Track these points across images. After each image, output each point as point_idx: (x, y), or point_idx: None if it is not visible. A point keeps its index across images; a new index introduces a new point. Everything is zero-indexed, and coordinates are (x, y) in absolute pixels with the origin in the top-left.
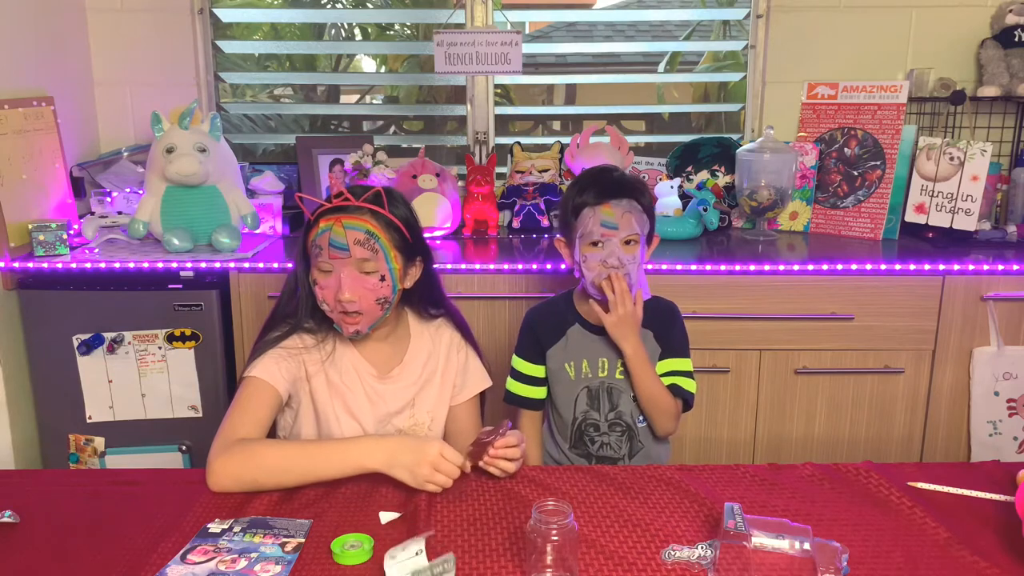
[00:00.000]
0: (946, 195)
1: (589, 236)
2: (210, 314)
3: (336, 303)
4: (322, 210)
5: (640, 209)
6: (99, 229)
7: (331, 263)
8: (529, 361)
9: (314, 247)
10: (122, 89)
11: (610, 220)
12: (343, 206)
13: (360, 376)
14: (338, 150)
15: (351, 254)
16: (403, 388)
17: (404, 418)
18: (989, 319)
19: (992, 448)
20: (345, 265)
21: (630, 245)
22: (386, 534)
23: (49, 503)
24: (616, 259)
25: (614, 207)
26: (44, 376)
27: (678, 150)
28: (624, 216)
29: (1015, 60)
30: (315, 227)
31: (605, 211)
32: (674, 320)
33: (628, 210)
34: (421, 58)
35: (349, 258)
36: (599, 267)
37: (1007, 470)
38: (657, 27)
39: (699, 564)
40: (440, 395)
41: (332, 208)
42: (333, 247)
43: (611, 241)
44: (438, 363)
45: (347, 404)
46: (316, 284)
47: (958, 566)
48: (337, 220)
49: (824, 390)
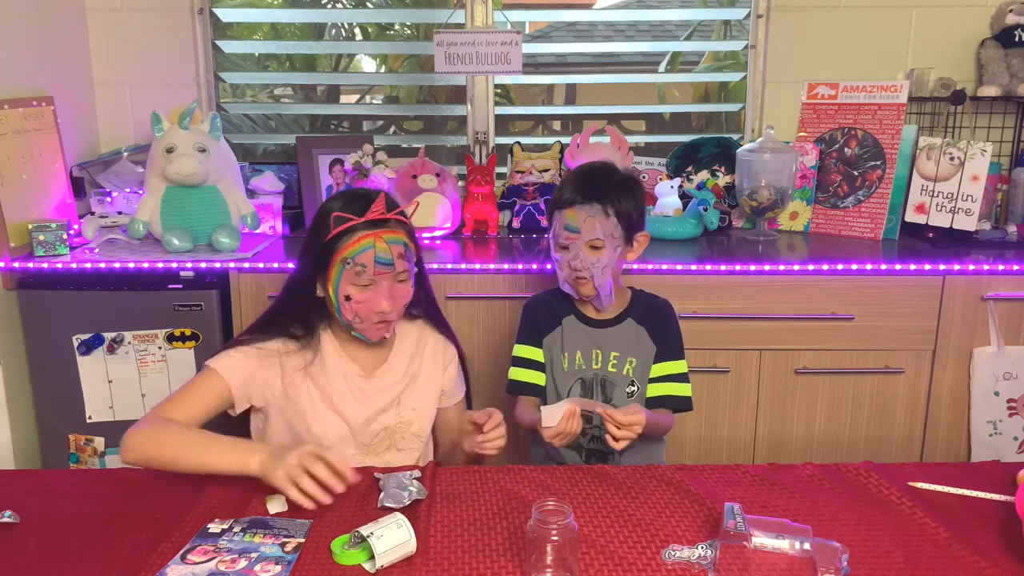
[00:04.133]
0: (946, 195)
1: (556, 239)
2: (210, 314)
3: (373, 314)
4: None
5: (606, 214)
6: (99, 229)
7: (374, 279)
8: (530, 345)
9: (352, 264)
10: (122, 89)
11: (573, 223)
12: (380, 220)
13: (346, 376)
14: (338, 150)
15: (395, 268)
16: (389, 386)
17: (390, 416)
18: (989, 319)
19: (992, 448)
20: (385, 278)
21: (596, 249)
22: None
23: (49, 503)
24: (580, 262)
25: (578, 211)
26: (44, 376)
27: (678, 150)
28: (587, 220)
29: (1015, 60)
30: (349, 244)
31: (569, 215)
32: (668, 318)
33: (591, 214)
34: (421, 58)
35: (391, 271)
36: (567, 268)
37: (1007, 470)
38: (657, 27)
39: (699, 564)
40: (425, 393)
41: (367, 223)
42: (380, 264)
43: (575, 244)
44: (422, 362)
45: (333, 404)
46: (351, 299)
47: (958, 566)
48: (378, 236)
49: (824, 390)
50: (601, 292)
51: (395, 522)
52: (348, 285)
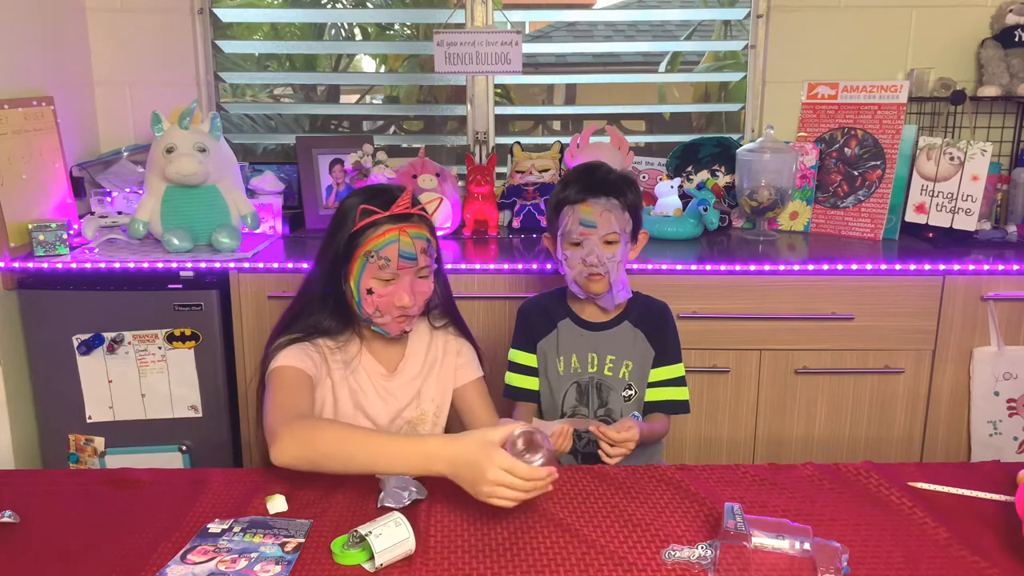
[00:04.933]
0: (946, 195)
1: (569, 235)
2: (210, 314)
3: (394, 308)
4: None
5: (621, 207)
6: (99, 229)
7: (397, 273)
8: (525, 351)
9: (376, 257)
10: (122, 89)
11: (588, 219)
12: (403, 214)
13: (371, 376)
14: (338, 150)
15: (418, 262)
16: (409, 381)
17: (411, 409)
18: (989, 319)
19: (992, 448)
20: (408, 273)
21: (610, 244)
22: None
23: (49, 503)
24: (596, 257)
25: (593, 205)
26: (44, 376)
27: (678, 150)
28: (603, 215)
29: (1015, 60)
30: (374, 237)
31: (584, 209)
32: (666, 321)
33: (607, 208)
34: (421, 58)
35: (414, 266)
36: (580, 265)
37: (1007, 470)
38: (657, 27)
39: (699, 564)
40: (441, 383)
41: (391, 217)
42: (404, 258)
43: (590, 240)
44: (438, 353)
45: (361, 404)
46: (372, 293)
47: (958, 566)
48: (402, 230)
49: (824, 390)
50: (615, 288)
51: (393, 520)
52: (371, 279)
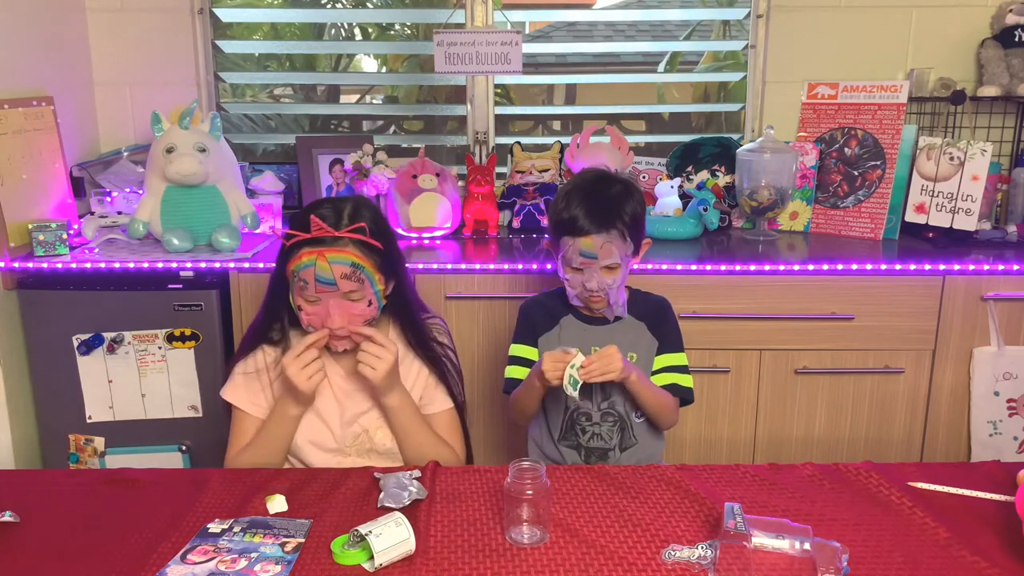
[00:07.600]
0: (946, 195)
1: (569, 262)
2: (210, 314)
3: (325, 327)
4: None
5: (622, 236)
6: (99, 229)
7: (318, 296)
8: (525, 344)
9: (297, 279)
10: (122, 89)
11: (589, 251)
12: (330, 237)
13: (330, 377)
14: (338, 150)
15: (338, 288)
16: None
17: (371, 417)
18: (989, 319)
19: (992, 448)
20: (331, 296)
21: (611, 270)
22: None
23: (49, 503)
24: (596, 283)
25: (594, 239)
26: (44, 376)
27: (678, 150)
28: (604, 247)
29: (1015, 60)
30: (295, 258)
31: (585, 243)
32: (667, 313)
33: (609, 240)
34: (421, 58)
35: (334, 291)
36: (580, 288)
37: (1007, 470)
38: (657, 27)
39: (699, 564)
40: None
41: (311, 239)
42: (320, 282)
43: (590, 268)
44: (407, 372)
45: (315, 406)
46: (301, 310)
47: (958, 566)
48: (320, 254)
49: (824, 390)
50: (615, 307)
51: (394, 520)
52: (298, 296)
